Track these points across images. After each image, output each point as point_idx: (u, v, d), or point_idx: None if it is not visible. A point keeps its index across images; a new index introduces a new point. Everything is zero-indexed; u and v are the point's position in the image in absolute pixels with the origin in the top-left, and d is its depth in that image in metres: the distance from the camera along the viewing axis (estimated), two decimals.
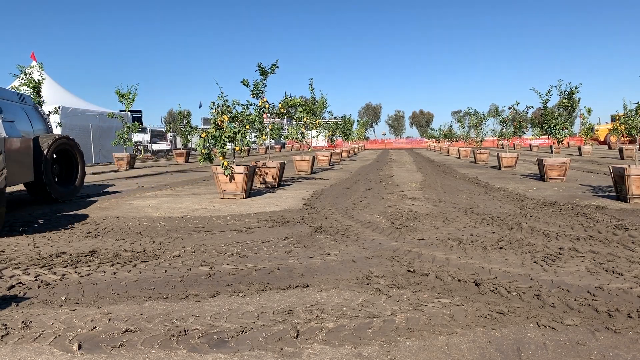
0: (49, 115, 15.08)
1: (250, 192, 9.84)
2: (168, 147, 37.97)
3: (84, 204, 8.82)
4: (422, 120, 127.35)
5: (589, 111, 37.56)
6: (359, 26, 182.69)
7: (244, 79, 10.74)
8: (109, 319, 2.95)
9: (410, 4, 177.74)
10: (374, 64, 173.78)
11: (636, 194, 7.93)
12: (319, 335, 2.71)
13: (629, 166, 8.04)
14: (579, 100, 12.78)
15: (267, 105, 11.12)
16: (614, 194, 8.63)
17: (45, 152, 8.65)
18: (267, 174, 11.60)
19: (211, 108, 9.58)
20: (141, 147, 36.31)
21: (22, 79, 14.69)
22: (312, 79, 18.44)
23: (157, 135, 38.63)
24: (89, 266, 4.29)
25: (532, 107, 15.79)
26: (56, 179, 9.55)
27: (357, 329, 2.79)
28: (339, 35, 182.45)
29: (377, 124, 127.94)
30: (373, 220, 6.68)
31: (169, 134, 38.88)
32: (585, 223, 6.16)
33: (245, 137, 9.63)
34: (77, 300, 3.36)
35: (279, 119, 42.23)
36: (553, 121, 12.79)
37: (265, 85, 10.94)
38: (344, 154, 31.76)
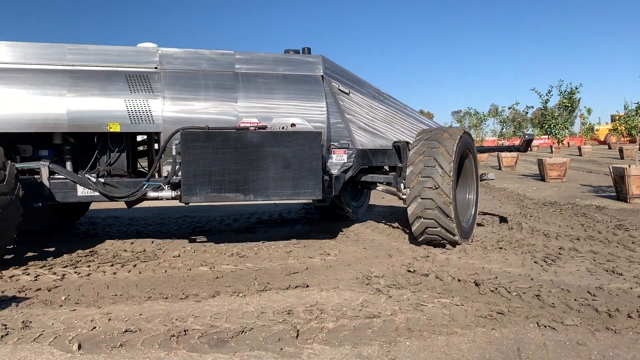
0: None
1: None
2: None
3: None
4: None
5: (589, 111, 37.53)
6: (358, 26, 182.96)
7: None
8: (109, 319, 2.95)
9: (409, 4, 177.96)
10: (373, 63, 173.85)
11: (636, 194, 7.93)
12: (319, 335, 2.71)
13: (629, 166, 8.04)
14: (579, 100, 12.78)
15: None
16: (614, 194, 8.63)
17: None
18: None
19: None
20: None
21: None
22: None
23: None
24: (89, 266, 4.28)
25: (532, 107, 15.84)
26: None
27: (357, 329, 2.79)
28: (338, 35, 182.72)
29: None
30: (373, 220, 6.68)
31: None
32: (585, 223, 6.16)
33: None
34: (77, 300, 3.36)
35: None
36: (553, 121, 12.80)
37: None
38: None
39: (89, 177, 4.59)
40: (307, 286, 3.66)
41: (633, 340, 2.63)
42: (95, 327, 2.81)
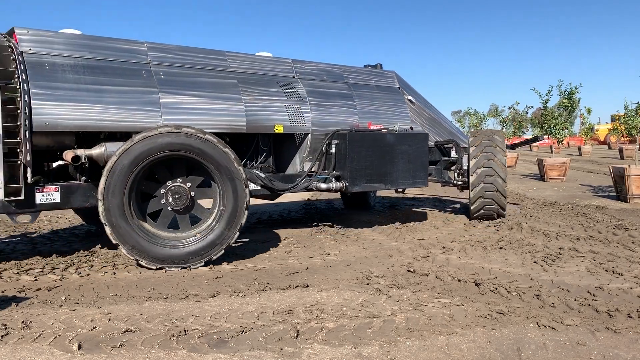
0: None
1: None
2: None
3: None
4: None
5: (589, 111, 37.49)
6: (357, 26, 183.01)
7: None
8: (109, 319, 2.95)
9: (409, 4, 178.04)
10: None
11: (636, 194, 7.93)
12: (319, 335, 2.71)
13: (629, 166, 8.04)
14: (579, 100, 12.77)
15: None
16: (614, 194, 8.63)
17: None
18: None
19: None
20: None
21: None
22: None
23: None
24: (89, 266, 4.28)
25: (532, 107, 15.82)
26: None
27: (357, 329, 2.79)
28: (337, 34, 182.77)
29: None
30: (373, 220, 6.68)
31: None
32: (585, 223, 6.16)
33: None
34: (77, 300, 3.36)
35: None
36: (553, 121, 12.79)
37: None
38: None
39: (258, 172, 4.95)
40: (307, 286, 3.66)
41: (633, 340, 2.63)
42: (95, 327, 2.81)
